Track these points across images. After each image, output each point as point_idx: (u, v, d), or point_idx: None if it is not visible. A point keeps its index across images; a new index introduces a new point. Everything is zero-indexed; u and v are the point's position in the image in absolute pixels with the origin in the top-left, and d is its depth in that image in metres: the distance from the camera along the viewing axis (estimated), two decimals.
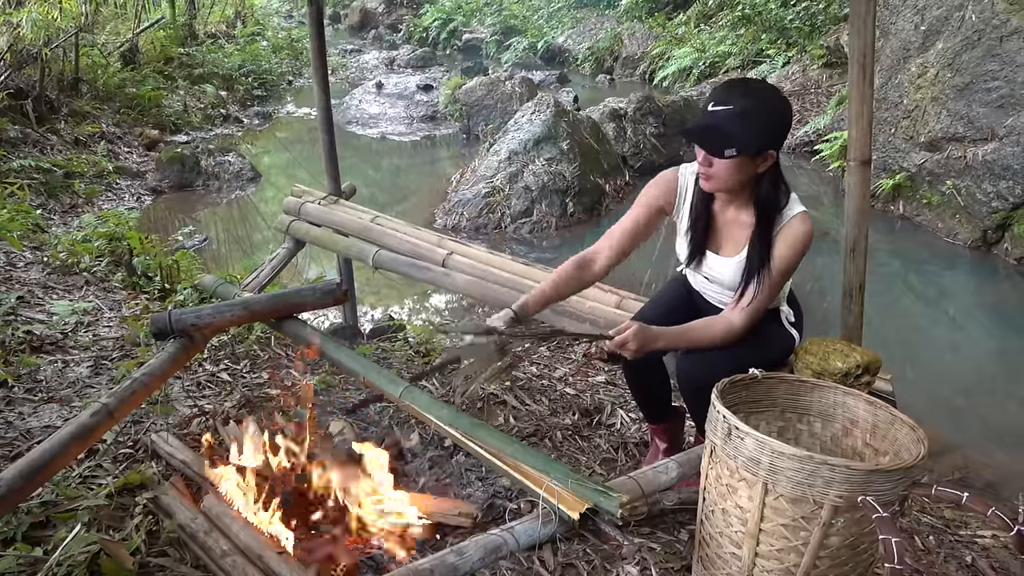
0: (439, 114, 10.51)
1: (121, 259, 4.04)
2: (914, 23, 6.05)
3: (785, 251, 1.84)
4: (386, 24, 20.57)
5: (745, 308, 1.87)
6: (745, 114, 1.70)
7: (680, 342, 1.92)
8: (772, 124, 1.75)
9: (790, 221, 1.85)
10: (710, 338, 1.90)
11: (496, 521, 1.97)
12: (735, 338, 1.89)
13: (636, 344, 1.80)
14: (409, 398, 2.23)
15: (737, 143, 1.72)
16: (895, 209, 6.28)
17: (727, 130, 1.72)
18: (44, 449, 1.75)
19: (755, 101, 1.73)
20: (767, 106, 1.74)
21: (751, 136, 1.72)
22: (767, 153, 1.78)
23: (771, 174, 1.82)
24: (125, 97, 8.59)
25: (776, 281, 1.86)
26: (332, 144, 3.75)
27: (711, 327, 1.91)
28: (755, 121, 1.71)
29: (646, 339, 1.82)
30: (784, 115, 1.79)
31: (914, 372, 4.02)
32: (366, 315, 4.54)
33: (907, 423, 1.59)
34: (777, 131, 1.77)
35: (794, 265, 1.86)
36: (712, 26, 12.82)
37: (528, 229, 6.24)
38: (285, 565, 1.62)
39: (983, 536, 2.26)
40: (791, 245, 1.84)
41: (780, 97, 1.79)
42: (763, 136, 1.74)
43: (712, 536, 1.63)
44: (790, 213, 1.86)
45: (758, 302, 1.87)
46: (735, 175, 1.79)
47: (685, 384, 1.98)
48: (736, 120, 1.71)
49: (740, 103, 1.71)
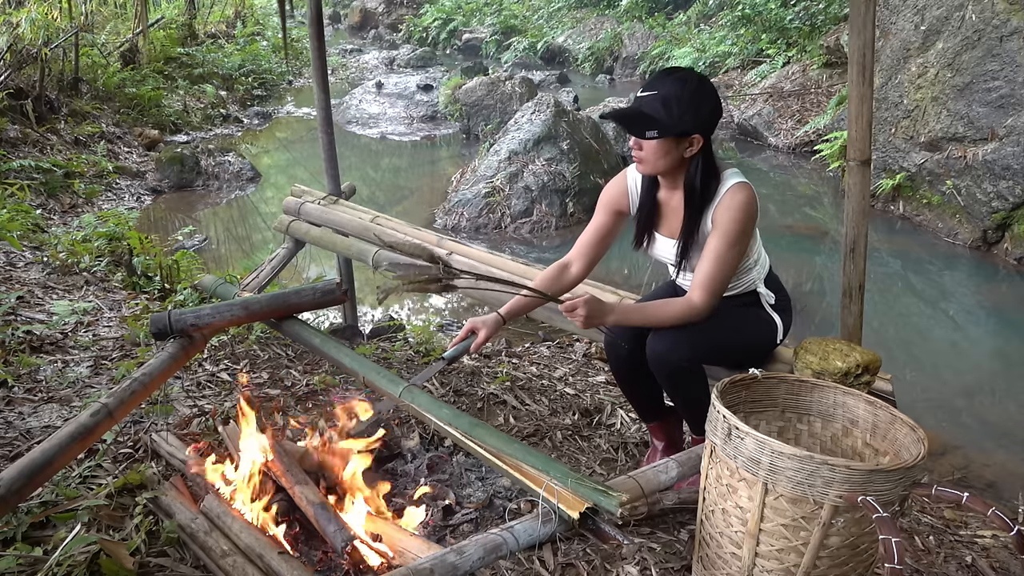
0: (439, 114, 10.51)
1: (121, 259, 4.04)
2: (914, 23, 6.05)
3: (725, 223, 1.88)
4: (386, 24, 20.58)
5: (699, 284, 1.90)
6: (668, 98, 1.80)
7: (633, 317, 1.94)
8: (694, 109, 1.81)
9: (725, 194, 1.90)
10: (668, 315, 1.92)
11: (496, 521, 1.97)
12: (697, 316, 1.90)
13: (585, 311, 1.85)
14: (409, 398, 2.23)
15: (658, 126, 1.82)
16: (895, 209, 6.28)
17: (650, 113, 1.82)
18: (44, 449, 1.75)
19: (678, 87, 1.81)
20: (689, 92, 1.81)
21: (672, 119, 1.81)
22: (692, 137, 1.85)
23: (700, 159, 1.88)
24: (125, 97, 8.59)
25: (726, 253, 1.88)
26: (332, 144, 3.75)
27: (669, 304, 1.94)
28: (676, 106, 1.80)
29: (596, 310, 1.88)
30: (705, 102, 1.84)
31: (914, 372, 4.02)
32: (366, 315, 4.54)
33: (907, 423, 1.59)
34: (699, 116, 1.83)
35: (740, 232, 1.88)
36: (712, 26, 12.83)
37: (528, 229, 6.24)
38: (285, 565, 1.62)
39: (983, 536, 2.26)
40: (730, 216, 1.87)
41: (706, 85, 1.85)
42: (684, 120, 1.81)
43: (712, 536, 1.63)
44: (724, 188, 1.90)
45: (712, 277, 1.89)
46: (662, 157, 1.87)
47: (655, 368, 1.99)
48: (659, 103, 1.81)
49: (664, 88, 1.81)
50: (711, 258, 1.89)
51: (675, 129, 1.82)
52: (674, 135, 1.83)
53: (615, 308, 1.92)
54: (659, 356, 1.95)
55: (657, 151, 1.86)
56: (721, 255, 1.88)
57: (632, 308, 1.96)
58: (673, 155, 1.87)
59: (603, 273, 2.36)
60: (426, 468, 2.21)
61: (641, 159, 1.91)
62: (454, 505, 2.03)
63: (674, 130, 1.82)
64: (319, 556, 1.80)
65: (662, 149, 1.86)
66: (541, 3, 18.01)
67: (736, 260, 1.92)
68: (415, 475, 2.19)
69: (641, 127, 1.85)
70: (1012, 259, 5.22)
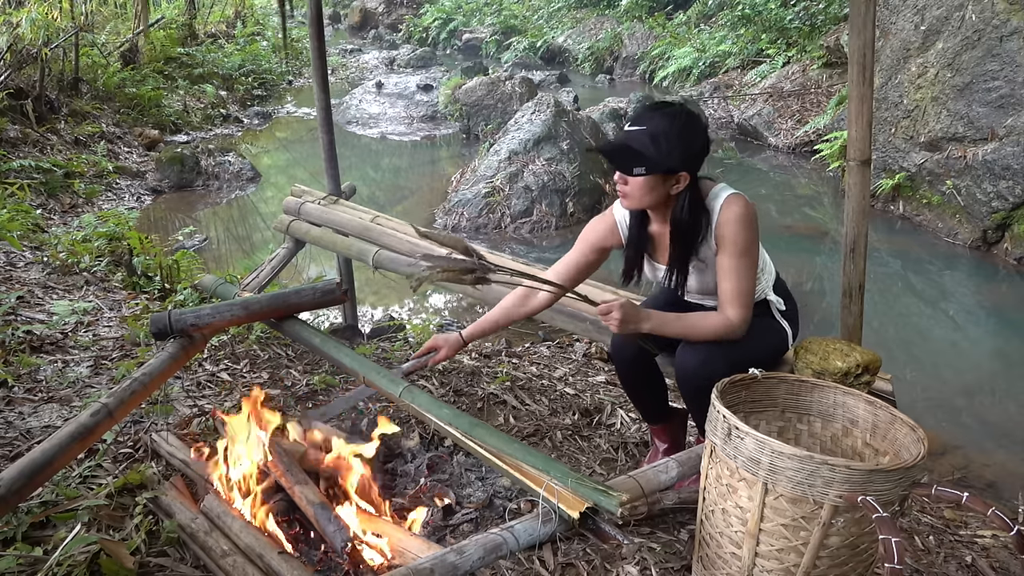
0: (439, 114, 10.52)
1: (121, 259, 4.04)
2: (914, 23, 6.05)
3: (730, 235, 1.85)
4: (386, 24, 20.59)
5: (729, 299, 1.88)
6: (656, 135, 1.77)
7: (670, 328, 1.91)
8: (682, 147, 1.79)
9: (720, 212, 1.87)
10: (705, 329, 1.89)
11: (496, 521, 1.97)
12: (735, 332, 1.88)
13: (620, 315, 1.82)
14: (409, 398, 2.23)
15: (646, 163, 1.79)
16: (895, 209, 6.28)
17: (637, 149, 1.79)
18: (44, 449, 1.75)
19: (667, 124, 1.78)
20: (678, 130, 1.78)
21: (660, 157, 1.78)
22: (679, 175, 1.83)
23: (687, 196, 1.86)
24: (125, 97, 8.59)
25: (740, 265, 1.86)
26: (332, 144, 3.75)
27: (706, 318, 1.91)
28: (664, 143, 1.77)
29: (632, 315, 1.84)
30: (694, 140, 1.82)
31: (914, 372, 4.02)
32: (366, 315, 4.54)
33: (907, 423, 1.59)
34: (687, 154, 1.81)
35: (747, 241, 1.86)
36: (712, 26, 12.84)
37: (528, 229, 6.24)
38: (285, 565, 1.62)
39: (983, 536, 2.26)
40: (733, 229, 1.85)
41: (695, 122, 1.83)
42: (672, 158, 1.79)
43: (712, 536, 1.63)
44: (717, 205, 1.87)
45: (737, 289, 1.87)
46: (647, 193, 1.85)
47: (683, 382, 1.98)
48: (647, 140, 1.78)
49: (652, 124, 1.79)
50: (729, 275, 1.87)
51: (663, 166, 1.79)
52: (661, 172, 1.81)
53: (651, 316, 1.88)
54: (691, 371, 1.92)
55: (643, 187, 1.83)
56: (737, 268, 1.86)
57: (669, 318, 1.91)
58: (659, 191, 1.84)
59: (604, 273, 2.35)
60: (426, 468, 2.21)
61: (626, 194, 1.88)
62: (454, 505, 2.03)
63: (662, 167, 1.80)
64: (319, 556, 1.80)
65: (648, 185, 1.83)
66: (541, 3, 18.01)
67: (753, 269, 1.90)
68: (415, 475, 2.19)
69: (629, 163, 1.81)
70: (1012, 259, 5.22)
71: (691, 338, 1.92)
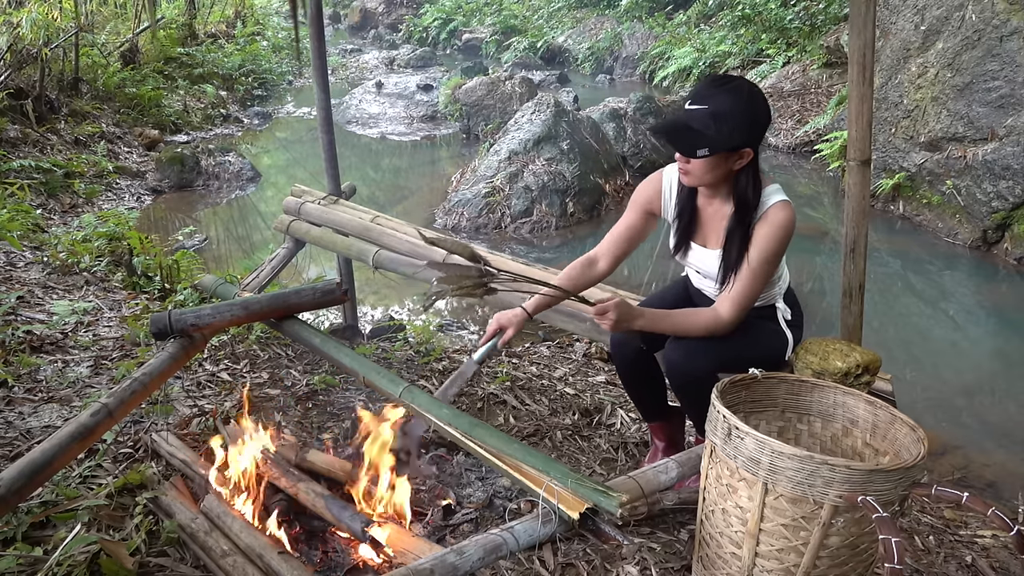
0: (439, 114, 10.51)
1: (121, 259, 4.04)
2: (914, 23, 6.05)
3: (764, 240, 1.84)
4: (386, 24, 20.58)
5: (730, 298, 1.88)
6: (719, 115, 1.71)
7: (661, 325, 1.92)
8: (745, 124, 1.74)
9: (768, 211, 1.85)
10: (694, 325, 1.90)
11: (496, 521, 1.97)
12: (723, 329, 1.89)
13: (615, 315, 1.83)
14: (409, 398, 2.23)
15: (709, 143, 1.74)
16: (895, 209, 6.28)
17: (700, 130, 1.73)
18: (44, 449, 1.75)
19: (730, 102, 1.72)
20: (741, 107, 1.73)
21: (724, 136, 1.73)
22: (742, 151, 1.79)
23: (748, 171, 1.84)
24: (125, 97, 8.59)
25: (759, 270, 1.85)
26: (332, 144, 3.75)
27: (697, 315, 1.92)
28: (728, 122, 1.72)
29: (625, 314, 1.85)
30: (759, 115, 1.77)
31: (914, 372, 4.02)
32: (366, 315, 4.54)
33: (907, 423, 1.59)
34: (751, 131, 1.77)
35: (776, 252, 1.85)
36: (712, 26, 12.83)
37: (528, 229, 6.24)
38: (285, 565, 1.62)
39: (983, 536, 2.26)
40: (770, 233, 1.84)
41: (757, 97, 1.77)
42: (736, 136, 1.74)
43: (712, 536, 1.63)
44: (768, 203, 1.86)
45: (743, 293, 1.87)
46: (711, 172, 1.81)
47: (671, 377, 1.99)
48: (709, 120, 1.72)
49: (715, 103, 1.72)
50: (746, 274, 1.86)
51: (726, 145, 1.75)
52: (725, 151, 1.77)
53: (644, 313, 1.89)
54: (676, 366, 1.94)
55: (705, 167, 1.80)
56: (755, 272, 1.85)
57: (660, 315, 1.92)
58: (722, 169, 1.80)
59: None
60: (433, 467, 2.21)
61: (688, 172, 1.84)
62: (454, 505, 2.03)
63: (725, 146, 1.75)
64: (319, 556, 1.80)
65: (710, 164, 1.79)
66: (541, 3, 18.01)
67: (769, 277, 1.89)
68: (423, 473, 2.19)
69: (691, 145, 1.75)
70: (1012, 259, 5.22)
71: (680, 334, 1.93)
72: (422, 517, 1.96)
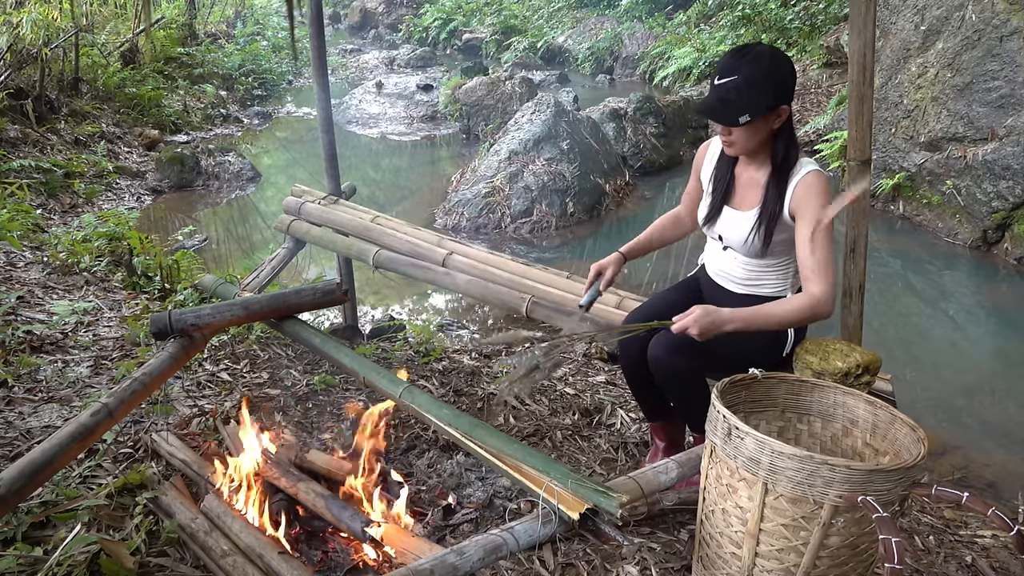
0: (439, 114, 10.51)
1: (121, 259, 4.04)
2: (914, 23, 6.05)
3: (813, 207, 1.85)
4: (386, 24, 20.58)
5: (813, 273, 1.83)
6: (751, 80, 1.80)
7: (754, 323, 1.83)
8: (777, 83, 1.83)
9: (806, 176, 1.90)
10: (793, 312, 1.83)
11: (496, 521, 1.97)
12: (823, 306, 1.81)
13: (699, 328, 1.76)
14: (409, 398, 2.23)
15: (749, 109, 1.82)
16: (895, 209, 6.28)
17: (737, 100, 1.81)
18: (44, 449, 1.75)
19: (757, 67, 1.81)
20: (769, 69, 1.82)
21: (760, 100, 1.82)
22: (779, 109, 1.87)
23: (785, 129, 1.91)
24: (125, 97, 8.59)
25: (821, 235, 1.84)
26: (332, 144, 3.75)
27: (789, 302, 1.86)
28: (762, 86, 1.81)
29: (712, 322, 1.77)
30: (787, 72, 1.86)
31: (914, 372, 4.02)
32: (366, 315, 4.54)
33: (907, 423, 1.59)
34: (783, 88, 1.85)
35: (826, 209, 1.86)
36: (712, 26, 12.83)
37: (528, 229, 6.24)
38: (285, 565, 1.62)
39: (983, 536, 2.26)
40: (817, 201, 1.86)
41: (779, 56, 1.86)
42: (771, 97, 1.83)
43: (712, 536, 1.63)
44: (803, 170, 1.91)
45: (821, 262, 1.83)
46: (753, 137, 1.89)
47: (655, 372, 1.98)
48: (744, 89, 1.81)
49: (744, 71, 1.81)
50: (809, 246, 1.83)
51: (764, 107, 1.82)
52: (764, 113, 1.84)
53: (734, 317, 1.80)
54: (658, 361, 1.94)
55: (747, 133, 1.87)
56: (818, 239, 1.83)
57: (751, 314, 1.83)
58: (763, 132, 1.88)
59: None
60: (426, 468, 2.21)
61: (731, 143, 1.91)
62: (454, 505, 2.03)
63: (763, 108, 1.83)
64: (319, 556, 1.80)
65: (752, 129, 1.86)
66: (541, 3, 18.01)
67: (831, 241, 1.86)
68: (424, 473, 2.19)
69: (732, 115, 1.83)
70: (1012, 259, 5.22)
71: (779, 326, 1.89)
72: (422, 517, 1.96)
